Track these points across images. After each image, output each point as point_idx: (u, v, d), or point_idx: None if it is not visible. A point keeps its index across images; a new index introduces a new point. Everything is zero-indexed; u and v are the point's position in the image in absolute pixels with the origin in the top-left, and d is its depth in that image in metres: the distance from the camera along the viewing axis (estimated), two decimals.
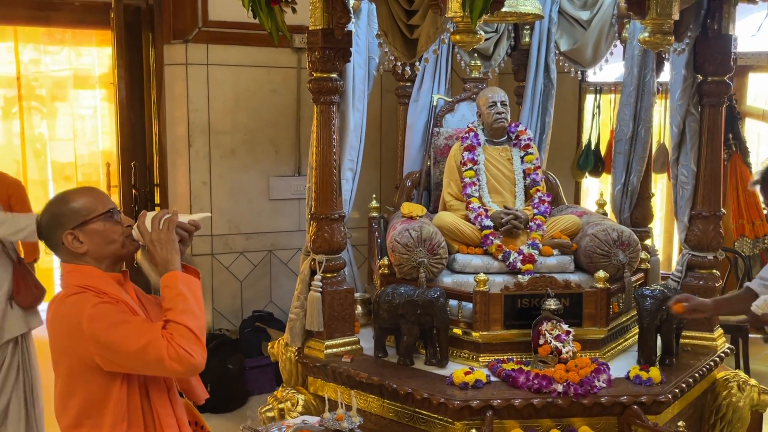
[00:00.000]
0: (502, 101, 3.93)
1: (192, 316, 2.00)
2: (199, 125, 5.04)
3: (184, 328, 1.97)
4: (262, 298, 5.31)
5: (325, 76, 3.37)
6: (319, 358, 3.45)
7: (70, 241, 2.05)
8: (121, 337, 1.94)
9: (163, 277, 2.06)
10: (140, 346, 1.92)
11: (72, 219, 2.06)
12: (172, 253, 2.07)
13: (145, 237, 2.08)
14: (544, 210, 3.82)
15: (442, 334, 3.33)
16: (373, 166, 5.53)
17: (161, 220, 2.09)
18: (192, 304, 2.02)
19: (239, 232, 5.19)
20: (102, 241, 2.08)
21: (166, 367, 1.93)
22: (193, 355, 1.94)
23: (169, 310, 2.00)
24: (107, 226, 2.09)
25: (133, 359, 1.95)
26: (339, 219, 3.50)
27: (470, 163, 3.88)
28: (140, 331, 1.95)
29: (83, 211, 2.07)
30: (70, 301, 2.00)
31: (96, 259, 2.09)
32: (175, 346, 1.93)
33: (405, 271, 3.50)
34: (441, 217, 3.76)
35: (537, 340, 3.23)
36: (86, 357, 1.96)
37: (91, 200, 2.10)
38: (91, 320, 1.94)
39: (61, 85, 7.30)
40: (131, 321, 1.99)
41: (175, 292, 2.02)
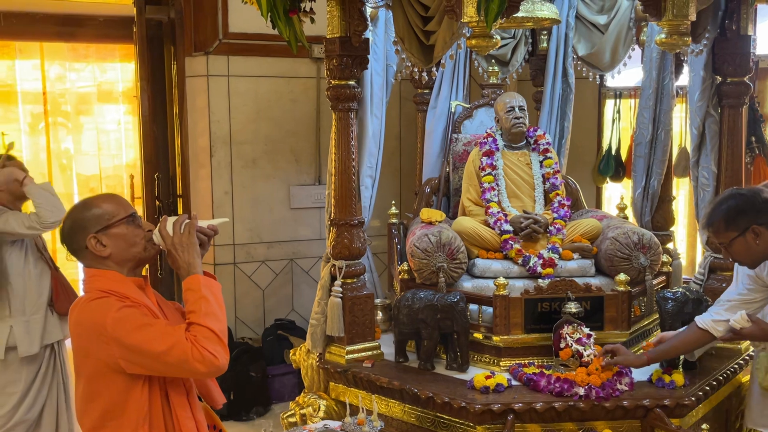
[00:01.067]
0: (520, 106, 3.93)
1: (215, 318, 2.03)
2: (220, 136, 5.11)
3: (207, 330, 2.00)
4: (284, 306, 5.35)
5: (343, 84, 3.41)
6: (340, 364, 3.47)
7: (94, 244, 2.10)
8: (146, 340, 1.97)
9: (185, 281, 2.10)
10: (164, 348, 1.96)
11: (95, 223, 2.10)
12: (193, 256, 2.11)
13: (167, 241, 2.12)
14: (563, 214, 3.81)
15: (462, 338, 3.33)
16: (392, 174, 5.55)
17: (182, 224, 2.14)
18: (214, 307, 2.06)
19: (261, 241, 5.24)
20: (124, 244, 2.12)
21: (190, 368, 1.96)
22: (216, 356, 1.98)
23: (192, 313, 2.04)
24: (129, 230, 2.14)
25: (157, 361, 1.98)
26: (358, 225, 3.53)
27: (489, 168, 3.89)
28: (164, 333, 1.99)
29: (106, 215, 2.12)
30: (93, 305, 2.04)
31: (118, 263, 2.13)
32: (199, 348, 1.96)
33: (425, 276, 3.51)
34: (460, 222, 3.76)
35: (558, 343, 3.22)
36: (109, 360, 2.00)
37: (114, 205, 2.15)
38: (115, 324, 1.98)
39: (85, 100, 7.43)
40: (154, 324, 2.02)
41: (198, 295, 2.06)
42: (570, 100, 4.45)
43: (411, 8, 3.17)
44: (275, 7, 3.11)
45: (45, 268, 3.89)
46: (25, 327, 3.76)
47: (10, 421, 3.78)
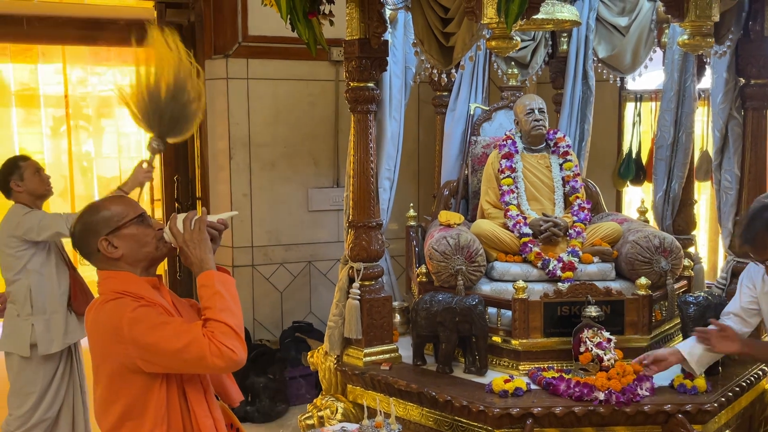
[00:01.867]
0: (540, 108, 3.92)
1: (230, 313, 2.04)
2: (239, 138, 5.13)
3: (223, 325, 2.00)
4: (302, 308, 5.36)
5: (362, 86, 3.41)
6: (357, 366, 3.47)
7: (105, 247, 2.11)
8: (163, 338, 1.98)
9: (198, 277, 2.10)
10: (182, 345, 1.96)
11: (105, 226, 2.12)
12: (205, 252, 2.12)
13: (178, 238, 2.13)
14: (583, 217, 3.79)
15: (481, 341, 3.31)
16: (411, 178, 5.55)
17: (192, 220, 2.14)
18: (229, 302, 2.06)
19: (279, 244, 5.25)
20: (136, 244, 2.14)
21: (208, 364, 1.97)
22: (234, 351, 1.98)
23: (207, 309, 2.04)
24: (140, 230, 2.15)
25: (175, 358, 1.99)
26: (376, 227, 3.53)
27: (508, 170, 3.88)
28: (181, 330, 1.99)
29: (115, 217, 2.13)
30: (108, 307, 2.05)
31: (131, 264, 2.14)
32: (217, 343, 1.96)
33: (443, 278, 3.51)
34: (479, 225, 3.76)
35: (578, 347, 3.20)
36: (127, 360, 2.00)
37: (122, 207, 2.16)
38: (131, 324, 1.99)
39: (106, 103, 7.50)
40: (170, 322, 2.03)
41: (212, 290, 2.06)
42: (590, 103, 4.42)
43: (430, 10, 3.17)
44: (294, 9, 3.12)
45: (64, 267, 3.92)
46: (46, 325, 3.80)
47: (30, 420, 3.82)
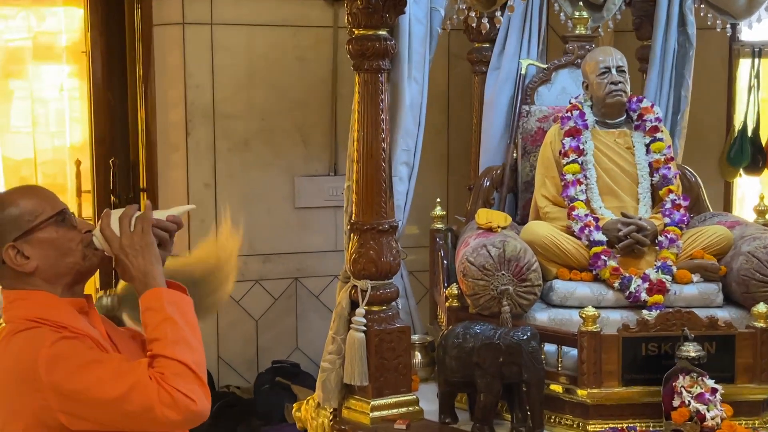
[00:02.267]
0: (619, 66, 3.91)
1: (186, 346, 2.04)
2: (200, 107, 5.15)
3: (177, 363, 2.00)
4: (285, 343, 5.37)
5: (371, 34, 3.41)
6: (362, 424, 3.47)
7: (13, 256, 2.11)
8: (93, 383, 1.98)
9: (142, 297, 2.10)
10: (120, 393, 1.96)
11: (12, 228, 2.12)
12: (150, 261, 2.12)
13: (113, 244, 2.13)
14: (679, 219, 3.79)
15: (534, 391, 3.31)
16: (437, 162, 5.55)
17: (132, 219, 2.14)
18: (185, 331, 2.06)
19: (254, 253, 5.26)
20: (55, 253, 2.14)
21: (157, 417, 1.97)
22: (193, 399, 1.98)
23: (155, 341, 2.05)
24: (60, 233, 2.15)
25: (111, 411, 1.99)
26: (390, 230, 3.54)
27: (574, 153, 3.88)
28: (119, 372, 1.99)
29: (26, 215, 2.13)
30: (18, 340, 2.05)
31: (48, 280, 2.14)
32: (168, 389, 1.96)
33: (482, 303, 3.51)
34: (533, 229, 3.76)
35: (670, 400, 3.20)
36: (46, 415, 2.00)
37: (35, 201, 2.16)
38: (50, 363, 1.99)
39: (16, 58, 7.51)
40: (104, 360, 2.03)
41: (162, 316, 2.07)
42: (689, 60, 4.42)
43: None
44: None
45: None
46: None
47: None
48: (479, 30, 4.43)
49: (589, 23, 4.49)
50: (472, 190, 4.49)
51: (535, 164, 4.13)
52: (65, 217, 2.18)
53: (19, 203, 2.15)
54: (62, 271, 2.15)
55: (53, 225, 2.15)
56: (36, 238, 2.13)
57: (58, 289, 2.16)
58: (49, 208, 2.16)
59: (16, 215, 2.13)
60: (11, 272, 2.13)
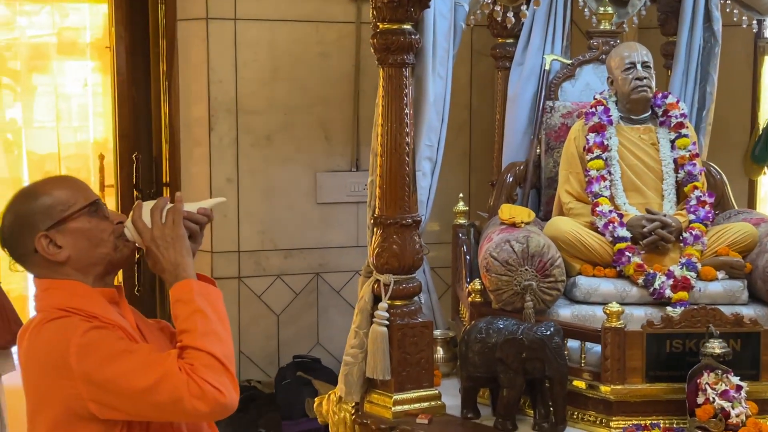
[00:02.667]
0: (644, 62, 3.90)
1: (216, 339, 2.05)
2: (223, 102, 5.16)
3: (207, 355, 2.01)
4: (307, 338, 5.37)
5: (396, 28, 3.41)
6: (384, 418, 3.47)
7: (45, 246, 2.13)
8: (123, 373, 1.99)
9: (172, 289, 2.11)
10: (150, 383, 1.97)
11: (46, 217, 2.13)
12: (181, 254, 2.13)
13: (144, 235, 2.14)
14: (704, 216, 3.78)
15: (557, 387, 3.30)
16: (459, 158, 5.54)
17: (163, 210, 2.15)
18: (215, 324, 2.07)
19: (275, 248, 5.27)
20: (87, 243, 2.16)
21: (185, 408, 1.97)
22: (222, 391, 1.98)
23: (185, 332, 2.05)
24: (92, 223, 2.17)
25: (140, 401, 2.00)
26: (413, 225, 3.53)
27: (598, 149, 3.87)
28: (148, 363, 2.00)
29: (59, 205, 2.15)
30: (50, 328, 2.07)
31: (80, 269, 2.16)
32: (197, 380, 1.97)
33: (505, 298, 3.51)
34: (557, 225, 3.75)
35: (694, 397, 3.19)
36: (75, 403, 2.02)
37: (69, 191, 2.18)
38: (81, 352, 2.00)
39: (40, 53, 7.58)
40: (134, 350, 2.05)
41: (192, 308, 2.07)
42: (715, 56, 4.41)
43: None
44: None
45: None
46: None
47: None
48: (503, 25, 4.41)
49: (613, 19, 4.48)
50: (494, 186, 4.49)
51: (559, 160, 4.12)
52: (98, 207, 2.19)
53: (52, 193, 2.17)
54: (94, 261, 2.17)
55: (86, 215, 2.16)
56: (68, 228, 2.14)
57: (90, 278, 2.17)
58: (82, 198, 2.18)
59: (49, 205, 2.14)
60: (44, 261, 2.15)
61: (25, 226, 2.14)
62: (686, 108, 4.08)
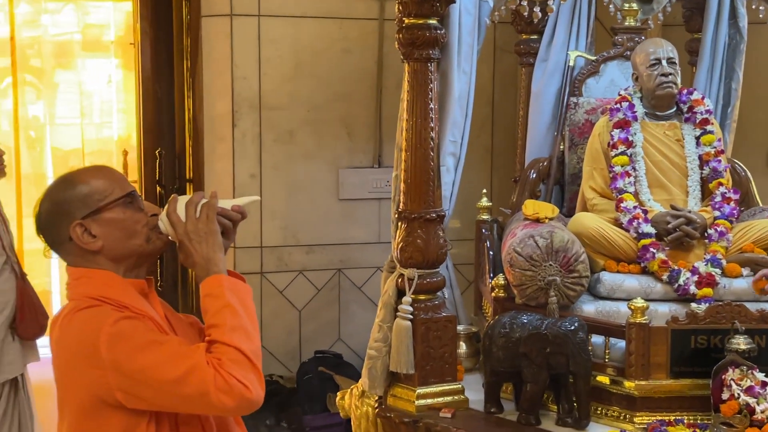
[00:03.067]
0: (669, 58, 3.89)
1: (245, 335, 2.05)
2: (246, 98, 5.18)
3: (235, 350, 2.01)
4: (328, 333, 5.39)
5: (421, 23, 3.41)
6: (408, 412, 3.47)
7: (80, 234, 2.14)
8: (152, 364, 2.00)
9: (203, 283, 2.12)
10: (178, 375, 1.98)
11: (82, 206, 2.14)
12: (213, 249, 2.13)
13: (178, 229, 2.14)
14: (729, 212, 3.77)
15: (581, 382, 3.30)
16: (482, 154, 5.54)
17: (197, 205, 2.16)
18: (244, 320, 2.07)
19: (297, 244, 5.29)
20: (121, 234, 2.16)
21: (212, 402, 1.98)
22: (248, 387, 1.98)
23: (214, 327, 2.05)
24: (127, 214, 2.17)
25: (167, 393, 2.01)
26: (437, 219, 3.54)
27: (622, 145, 3.86)
28: (177, 355, 2.01)
29: (96, 195, 2.16)
30: (81, 317, 2.08)
31: (113, 259, 2.17)
32: (225, 375, 1.97)
33: (529, 293, 3.51)
34: (581, 221, 3.75)
35: (719, 393, 3.17)
36: (103, 392, 2.03)
37: (106, 181, 2.19)
38: (111, 341, 2.01)
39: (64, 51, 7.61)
40: (164, 342, 2.05)
41: (222, 302, 2.07)
42: (740, 52, 4.39)
43: None
44: None
45: (12, 279, 3.96)
46: None
47: None
48: (528, 21, 4.43)
49: (638, 15, 4.47)
50: (517, 182, 4.48)
51: (583, 156, 4.11)
52: (133, 199, 2.20)
53: (89, 182, 2.17)
54: (126, 251, 2.17)
55: (121, 206, 2.17)
56: (103, 218, 2.15)
57: (121, 269, 2.18)
58: (118, 189, 2.18)
59: (86, 193, 2.15)
60: (78, 250, 2.16)
61: (62, 213, 2.15)
62: (711, 104, 4.06)
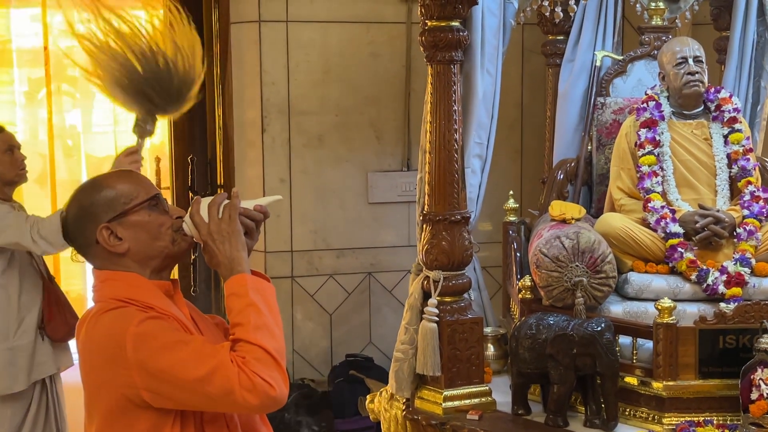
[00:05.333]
0: (696, 57, 3.86)
1: (269, 333, 2.07)
2: (276, 104, 5.22)
3: (259, 349, 2.03)
4: (359, 337, 5.41)
5: (444, 25, 3.42)
6: (435, 414, 3.48)
7: (107, 237, 2.18)
8: (177, 363, 2.03)
9: (227, 282, 2.14)
10: (203, 374, 2.00)
11: (108, 209, 2.18)
12: (237, 248, 2.15)
13: (201, 230, 2.17)
14: (758, 211, 3.73)
15: (608, 383, 3.29)
16: (511, 156, 5.54)
17: (220, 206, 2.19)
18: (267, 318, 2.09)
19: (328, 248, 5.32)
20: (147, 236, 2.20)
21: (236, 400, 2.00)
22: (273, 385, 2.01)
23: (238, 326, 2.08)
24: (152, 217, 2.21)
25: (192, 391, 2.03)
26: (462, 221, 3.54)
27: (650, 144, 3.84)
28: (202, 354, 2.03)
29: (122, 198, 2.19)
30: (107, 318, 2.12)
31: (139, 262, 2.21)
32: (249, 373, 1.99)
33: (555, 295, 3.50)
34: (607, 221, 3.73)
35: (748, 393, 3.16)
36: (130, 391, 2.06)
37: (131, 185, 2.23)
38: (137, 341, 2.04)
39: None
40: (189, 341, 2.08)
41: (245, 301, 2.10)
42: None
43: None
44: None
45: (36, 279, 4.05)
46: (9, 356, 3.93)
47: None
48: (553, 21, 4.42)
49: (665, 14, 4.45)
50: (545, 183, 4.47)
51: (610, 157, 4.08)
52: (158, 201, 2.24)
53: (115, 186, 2.21)
54: (152, 254, 2.21)
55: (146, 209, 2.21)
56: (129, 221, 2.19)
57: (147, 271, 2.21)
58: (143, 192, 2.22)
59: (112, 197, 2.19)
60: (104, 253, 2.19)
61: (88, 217, 2.19)
62: (740, 103, 4.02)
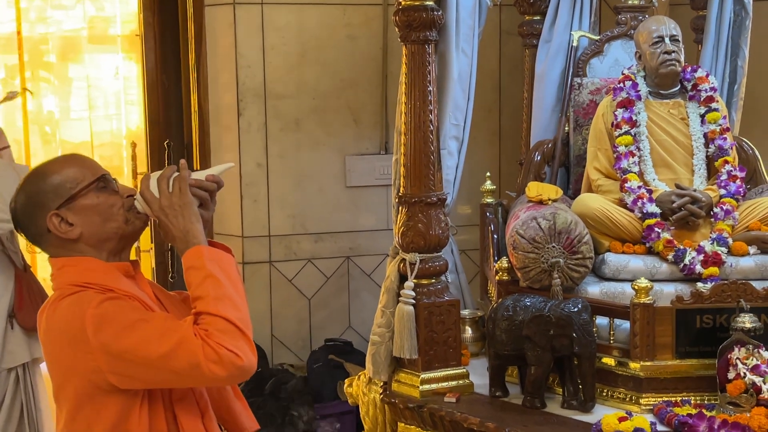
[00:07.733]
0: (672, 35, 3.86)
1: (230, 303, 2.06)
2: (251, 88, 5.17)
3: (221, 320, 2.03)
4: (338, 321, 5.39)
5: (418, 4, 3.41)
6: (412, 397, 3.49)
7: (57, 224, 2.16)
8: (140, 341, 2.02)
9: (184, 256, 2.13)
10: (166, 350, 2.00)
11: (55, 196, 2.16)
12: (190, 220, 2.14)
13: (153, 205, 2.16)
14: (735, 190, 3.75)
15: (585, 364, 3.30)
16: (489, 139, 5.51)
17: (169, 180, 2.16)
18: (228, 289, 2.08)
19: (306, 232, 5.29)
20: (98, 218, 2.18)
21: (203, 373, 1.99)
22: (239, 355, 2.00)
23: (198, 299, 2.07)
24: (102, 199, 2.19)
25: (157, 369, 2.02)
26: (438, 203, 3.54)
27: (626, 124, 3.84)
28: (164, 330, 2.03)
29: (67, 183, 2.17)
30: (66, 303, 2.11)
31: (94, 245, 2.19)
32: (214, 345, 1.99)
33: (532, 276, 3.50)
34: (585, 202, 3.75)
35: (725, 373, 3.17)
36: (96, 376, 2.05)
37: (76, 169, 2.20)
38: (97, 324, 2.03)
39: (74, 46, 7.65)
40: (150, 319, 2.07)
41: (203, 273, 2.09)
42: (745, 29, 4.35)
43: None
44: None
45: (7, 264, 4.01)
46: None
47: None
48: (529, 1, 4.41)
49: None
50: (523, 164, 4.48)
51: (588, 138, 4.10)
52: (106, 182, 2.22)
53: (60, 171, 2.19)
54: (106, 236, 2.19)
55: (94, 191, 2.19)
56: (78, 205, 2.17)
57: (104, 254, 2.20)
58: (89, 174, 2.20)
59: (58, 183, 2.17)
60: (57, 240, 2.18)
61: (36, 206, 2.17)
62: (717, 82, 4.05)
